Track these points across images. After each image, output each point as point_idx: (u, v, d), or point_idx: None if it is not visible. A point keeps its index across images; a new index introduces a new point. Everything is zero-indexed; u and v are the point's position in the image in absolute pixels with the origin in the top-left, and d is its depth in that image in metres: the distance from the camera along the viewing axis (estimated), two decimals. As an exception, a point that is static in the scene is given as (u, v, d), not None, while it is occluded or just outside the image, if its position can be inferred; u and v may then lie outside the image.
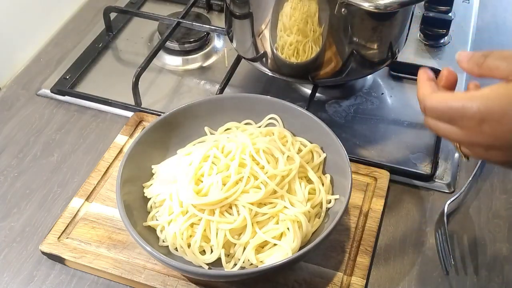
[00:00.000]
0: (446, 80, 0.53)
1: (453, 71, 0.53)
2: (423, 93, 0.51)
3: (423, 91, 0.51)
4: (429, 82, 0.52)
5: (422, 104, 0.50)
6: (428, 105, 0.49)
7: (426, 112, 0.50)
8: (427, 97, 0.50)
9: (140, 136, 0.66)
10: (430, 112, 0.49)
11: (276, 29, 0.71)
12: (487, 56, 0.48)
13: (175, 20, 0.91)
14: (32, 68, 0.91)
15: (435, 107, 0.48)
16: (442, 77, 0.53)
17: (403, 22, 0.74)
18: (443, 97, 0.48)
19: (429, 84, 0.52)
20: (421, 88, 0.52)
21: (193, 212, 0.60)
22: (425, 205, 0.71)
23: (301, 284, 0.62)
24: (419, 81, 0.53)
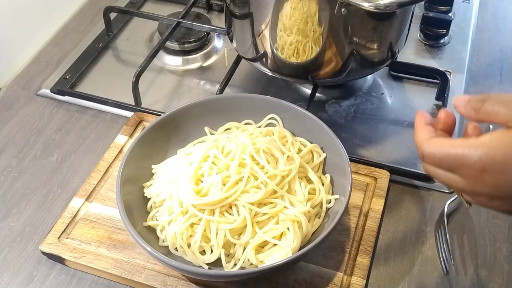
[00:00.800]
0: (444, 123, 0.51)
1: (451, 113, 0.52)
2: (420, 139, 0.49)
3: (420, 136, 0.49)
4: (426, 127, 0.50)
5: (419, 150, 0.49)
6: (426, 152, 0.48)
7: (424, 159, 0.49)
8: (424, 143, 0.48)
9: (140, 136, 0.66)
10: (428, 159, 0.48)
11: (276, 29, 0.71)
12: (484, 101, 0.47)
13: (175, 20, 0.91)
14: (32, 68, 0.91)
15: (433, 155, 0.47)
16: (439, 120, 0.52)
17: (403, 22, 0.74)
18: (441, 144, 0.47)
19: (426, 129, 0.50)
20: (418, 133, 0.50)
21: (193, 212, 0.60)
22: (425, 205, 0.71)
23: (301, 284, 0.62)
24: (416, 125, 0.51)
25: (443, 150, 0.46)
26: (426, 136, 0.49)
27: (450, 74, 0.87)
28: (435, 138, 0.49)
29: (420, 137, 0.50)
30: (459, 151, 0.45)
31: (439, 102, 0.83)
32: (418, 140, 0.50)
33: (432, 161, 0.48)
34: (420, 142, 0.49)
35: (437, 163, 0.47)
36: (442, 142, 0.47)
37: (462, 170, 0.45)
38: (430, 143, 0.48)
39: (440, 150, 0.47)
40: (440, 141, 0.48)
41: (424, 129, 0.50)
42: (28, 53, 0.93)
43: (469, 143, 0.45)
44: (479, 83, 0.88)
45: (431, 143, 0.48)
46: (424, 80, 0.87)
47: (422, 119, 0.52)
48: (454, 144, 0.46)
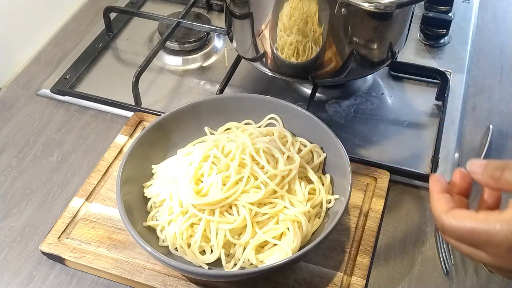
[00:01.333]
0: (460, 188, 0.50)
1: (466, 175, 0.50)
2: (438, 210, 0.47)
3: (438, 207, 0.47)
4: (443, 196, 0.48)
5: (439, 223, 0.47)
6: (447, 226, 0.45)
7: (444, 232, 0.47)
8: (443, 216, 0.46)
9: (140, 136, 0.66)
10: (449, 232, 0.46)
11: (276, 29, 0.71)
12: (504, 169, 0.45)
13: (175, 20, 0.91)
14: (32, 68, 0.91)
15: (455, 230, 0.45)
16: (455, 183, 0.50)
17: (403, 22, 0.74)
18: (462, 217, 0.45)
19: (443, 199, 0.47)
20: (435, 203, 0.48)
21: (193, 212, 0.60)
22: (425, 205, 0.71)
23: (301, 284, 0.62)
24: (431, 193, 0.49)
25: (464, 225, 0.44)
26: (444, 207, 0.47)
27: (450, 74, 0.87)
28: (454, 210, 0.46)
29: (438, 208, 0.47)
30: (483, 227, 0.43)
31: (439, 102, 0.83)
32: (436, 211, 0.47)
33: (453, 235, 0.46)
34: (438, 215, 0.47)
35: (459, 237, 0.45)
36: (463, 215, 0.45)
37: (487, 247, 0.43)
38: (450, 216, 0.46)
39: (462, 224, 0.45)
40: (460, 214, 0.45)
41: (441, 199, 0.48)
42: (28, 53, 0.93)
43: (493, 218, 0.43)
44: (479, 83, 0.88)
45: (451, 216, 0.46)
46: (424, 80, 0.87)
47: (437, 186, 0.49)
48: (477, 219, 0.44)
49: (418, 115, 0.82)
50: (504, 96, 0.86)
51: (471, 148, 0.78)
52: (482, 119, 0.82)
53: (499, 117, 0.82)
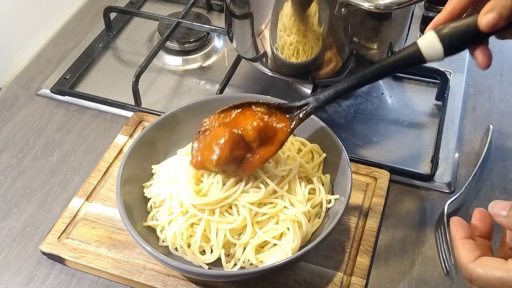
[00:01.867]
0: (481, 231, 0.49)
1: (487, 215, 0.48)
2: (465, 260, 0.45)
3: (464, 257, 0.46)
4: (467, 243, 0.46)
5: (466, 272, 0.45)
6: (475, 276, 0.44)
7: (472, 282, 0.45)
8: (470, 266, 0.45)
9: (140, 136, 0.66)
10: (477, 283, 0.45)
11: (276, 29, 0.71)
12: None
13: (175, 20, 0.91)
14: (32, 68, 0.91)
15: (484, 280, 0.44)
16: (476, 226, 0.49)
17: (403, 22, 0.74)
18: (491, 267, 0.43)
19: (468, 247, 0.46)
20: (459, 250, 0.46)
21: (193, 212, 0.60)
22: (425, 205, 0.71)
23: (301, 284, 0.62)
24: (454, 240, 0.47)
25: (494, 275, 0.43)
26: (471, 256, 0.45)
27: (450, 74, 0.87)
28: (481, 259, 0.45)
29: (464, 257, 0.46)
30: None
31: (439, 102, 0.83)
32: (462, 260, 0.46)
33: (482, 286, 0.45)
34: (465, 264, 0.45)
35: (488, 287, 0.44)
36: (492, 264, 0.44)
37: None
38: (478, 266, 0.44)
39: (491, 274, 0.43)
40: (488, 263, 0.44)
41: (466, 245, 0.46)
42: (28, 53, 0.93)
43: None
44: (479, 83, 0.88)
45: (479, 265, 0.44)
46: (424, 80, 0.87)
47: (460, 231, 0.48)
48: (507, 268, 0.43)
49: (418, 115, 0.82)
50: (504, 96, 0.86)
51: (471, 148, 0.78)
52: (482, 119, 0.82)
53: (499, 117, 0.82)
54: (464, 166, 0.75)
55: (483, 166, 0.74)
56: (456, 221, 0.49)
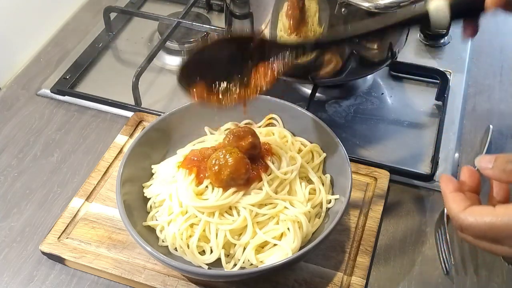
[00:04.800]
0: (470, 186, 0.50)
1: (475, 172, 0.50)
2: (455, 210, 0.47)
3: (454, 207, 0.47)
4: (457, 195, 0.48)
5: (457, 222, 0.47)
6: (466, 224, 0.46)
7: (463, 231, 0.47)
8: (461, 215, 0.46)
9: (140, 136, 0.66)
10: (468, 231, 0.46)
11: (276, 29, 0.71)
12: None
13: (175, 20, 0.91)
14: (32, 68, 0.91)
15: (474, 226, 0.45)
16: (464, 181, 0.50)
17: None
18: (481, 213, 0.45)
19: (458, 197, 0.48)
20: (450, 202, 0.48)
21: (192, 212, 0.60)
22: (425, 205, 0.71)
23: (301, 284, 0.62)
24: (444, 193, 0.49)
25: (484, 221, 0.45)
26: (461, 206, 0.47)
27: (450, 74, 0.87)
28: (471, 207, 0.46)
29: (455, 208, 0.47)
30: (505, 220, 0.43)
31: (439, 102, 0.83)
32: (452, 211, 0.47)
33: (473, 233, 0.46)
34: (456, 214, 0.47)
35: (479, 234, 0.46)
36: (481, 211, 0.45)
37: (509, 240, 0.44)
38: (468, 214, 0.46)
39: (480, 220, 0.45)
40: (478, 210, 0.46)
41: (456, 198, 0.48)
42: (28, 53, 0.93)
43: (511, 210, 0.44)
44: (479, 83, 0.88)
45: (469, 213, 0.46)
46: (424, 80, 0.87)
47: (449, 185, 0.49)
48: (496, 213, 0.44)
49: (418, 115, 0.82)
50: (504, 96, 0.86)
51: (471, 148, 0.78)
52: (482, 119, 0.82)
53: (499, 117, 0.82)
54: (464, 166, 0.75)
55: (483, 166, 0.74)
56: (445, 177, 0.51)
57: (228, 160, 0.59)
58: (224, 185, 0.60)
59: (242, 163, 0.59)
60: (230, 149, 0.60)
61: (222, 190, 0.60)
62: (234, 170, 0.58)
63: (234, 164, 0.59)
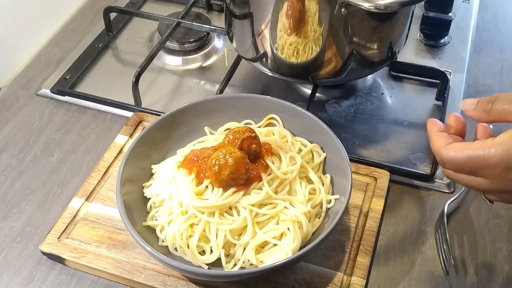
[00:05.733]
0: (455, 129, 0.52)
1: (460, 117, 0.52)
2: (438, 146, 0.49)
3: (437, 143, 0.50)
4: (440, 134, 0.51)
5: (439, 157, 0.49)
6: (446, 158, 0.48)
7: (444, 165, 0.49)
8: (443, 150, 0.49)
9: (140, 136, 0.66)
10: (448, 164, 0.48)
11: (276, 29, 0.71)
12: (493, 101, 0.48)
13: (175, 20, 0.91)
14: (32, 68, 0.91)
15: (454, 160, 0.47)
16: (450, 125, 0.52)
17: (403, 22, 0.74)
18: (460, 148, 0.47)
19: (441, 136, 0.50)
20: (434, 140, 0.51)
21: (192, 212, 0.60)
22: (425, 205, 0.71)
23: (301, 284, 0.62)
24: (430, 133, 0.52)
25: (462, 154, 0.47)
26: (443, 143, 0.49)
27: (450, 74, 0.87)
28: (452, 144, 0.49)
29: (437, 144, 0.50)
30: (480, 153, 0.46)
31: (439, 102, 0.83)
32: (435, 147, 0.50)
33: (453, 166, 0.48)
34: (438, 149, 0.49)
35: (458, 167, 0.48)
36: (461, 146, 0.48)
37: (485, 171, 0.46)
38: (449, 149, 0.48)
39: (460, 154, 0.47)
40: (458, 145, 0.48)
41: (440, 136, 0.50)
42: (28, 53, 0.93)
43: (488, 144, 0.46)
44: (479, 83, 0.88)
45: (450, 148, 0.48)
46: (424, 80, 0.87)
47: (434, 126, 0.52)
48: (473, 146, 0.47)
49: (418, 115, 0.82)
50: (504, 96, 0.85)
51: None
52: (482, 119, 0.82)
53: (499, 117, 0.82)
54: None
55: (483, 166, 0.74)
56: (432, 120, 0.53)
57: (228, 160, 0.59)
58: (224, 185, 0.60)
59: (242, 163, 0.59)
60: (230, 149, 0.60)
61: (222, 190, 0.60)
62: (234, 170, 0.58)
63: (234, 164, 0.59)
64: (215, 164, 0.59)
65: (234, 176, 0.59)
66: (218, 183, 0.60)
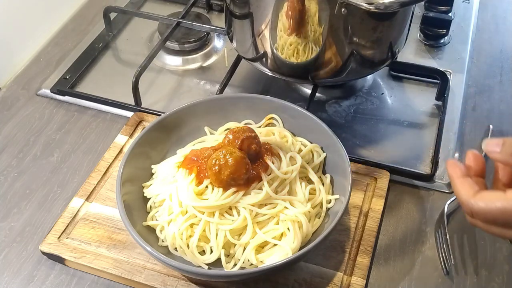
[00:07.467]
0: (475, 170, 0.50)
1: (479, 156, 0.51)
2: (465, 196, 0.47)
3: (464, 192, 0.47)
4: (465, 180, 0.48)
5: (467, 208, 0.47)
6: (476, 210, 0.46)
7: (473, 216, 0.47)
8: (471, 201, 0.46)
9: (140, 136, 0.66)
10: (479, 216, 0.46)
11: (276, 29, 0.71)
12: None
13: (175, 20, 0.91)
14: (32, 68, 0.91)
15: (486, 212, 0.45)
16: (470, 165, 0.50)
17: (403, 22, 0.74)
18: (491, 199, 0.45)
19: (467, 183, 0.48)
20: (459, 189, 0.48)
21: (192, 212, 0.60)
22: (425, 205, 0.71)
23: (301, 284, 0.62)
24: (452, 179, 0.49)
25: (495, 205, 0.45)
26: (470, 192, 0.47)
27: (450, 74, 0.87)
28: (481, 193, 0.47)
29: (464, 193, 0.47)
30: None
31: (439, 102, 0.83)
32: (462, 197, 0.47)
33: (484, 218, 0.46)
34: (466, 200, 0.47)
35: (490, 219, 0.46)
36: (491, 196, 0.46)
37: None
38: (479, 200, 0.46)
39: (492, 205, 0.45)
40: (488, 195, 0.46)
41: (465, 184, 0.48)
42: (28, 53, 0.93)
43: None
44: (479, 83, 0.88)
45: (480, 198, 0.46)
46: (424, 80, 0.87)
47: (457, 171, 0.49)
48: (506, 198, 0.45)
49: (418, 115, 0.82)
50: (504, 96, 0.86)
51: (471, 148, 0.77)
52: (482, 119, 0.82)
53: (499, 117, 0.82)
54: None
55: (483, 166, 0.74)
56: (452, 162, 0.51)
57: (228, 160, 0.59)
58: (224, 185, 0.60)
59: (242, 163, 0.59)
60: (230, 149, 0.60)
61: (222, 190, 0.60)
62: (234, 170, 0.58)
63: (234, 164, 0.59)
64: (215, 164, 0.59)
65: (234, 176, 0.59)
66: (218, 183, 0.60)
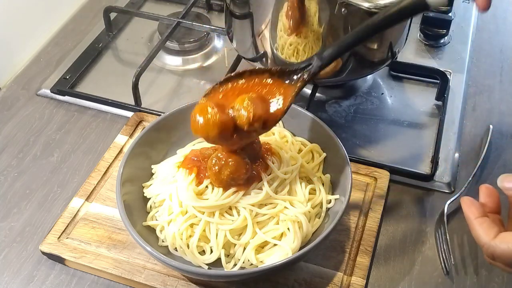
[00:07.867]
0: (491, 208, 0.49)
1: (494, 191, 0.50)
2: (485, 238, 0.46)
3: (483, 234, 0.46)
4: (484, 222, 0.47)
5: (488, 250, 0.46)
6: (498, 253, 0.45)
7: (495, 259, 0.46)
8: (492, 243, 0.45)
9: (140, 136, 0.66)
10: (501, 259, 0.45)
11: (276, 29, 0.71)
12: None
13: (175, 20, 0.91)
14: (32, 68, 0.91)
15: (507, 255, 0.44)
16: (485, 202, 0.49)
17: (403, 22, 0.74)
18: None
19: (486, 225, 0.47)
20: (478, 230, 0.47)
21: (192, 212, 0.60)
22: (425, 205, 0.71)
23: (301, 284, 0.62)
24: (470, 221, 0.48)
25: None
26: (490, 234, 0.46)
27: (450, 74, 0.87)
28: (502, 234, 0.46)
29: (483, 235, 0.46)
30: None
31: (439, 102, 0.83)
32: (482, 239, 0.46)
33: (506, 261, 0.45)
34: (487, 243, 0.46)
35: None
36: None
37: None
38: (500, 242, 0.45)
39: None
40: (510, 237, 0.45)
41: (483, 225, 0.47)
42: (28, 53, 0.93)
43: None
44: (479, 83, 0.88)
45: (501, 241, 0.45)
46: (424, 80, 0.87)
47: (473, 211, 0.48)
48: None
49: (418, 115, 0.82)
50: (504, 96, 0.86)
51: (471, 148, 0.78)
52: (482, 119, 0.82)
53: (499, 117, 0.82)
54: (464, 166, 0.75)
55: (483, 166, 0.74)
56: (468, 201, 0.49)
57: (228, 160, 0.59)
58: (224, 185, 0.60)
59: (242, 163, 0.59)
60: None
61: (222, 190, 0.60)
62: (234, 170, 0.58)
63: (234, 164, 0.59)
64: (215, 164, 0.59)
65: (234, 176, 0.59)
66: (218, 183, 0.60)
